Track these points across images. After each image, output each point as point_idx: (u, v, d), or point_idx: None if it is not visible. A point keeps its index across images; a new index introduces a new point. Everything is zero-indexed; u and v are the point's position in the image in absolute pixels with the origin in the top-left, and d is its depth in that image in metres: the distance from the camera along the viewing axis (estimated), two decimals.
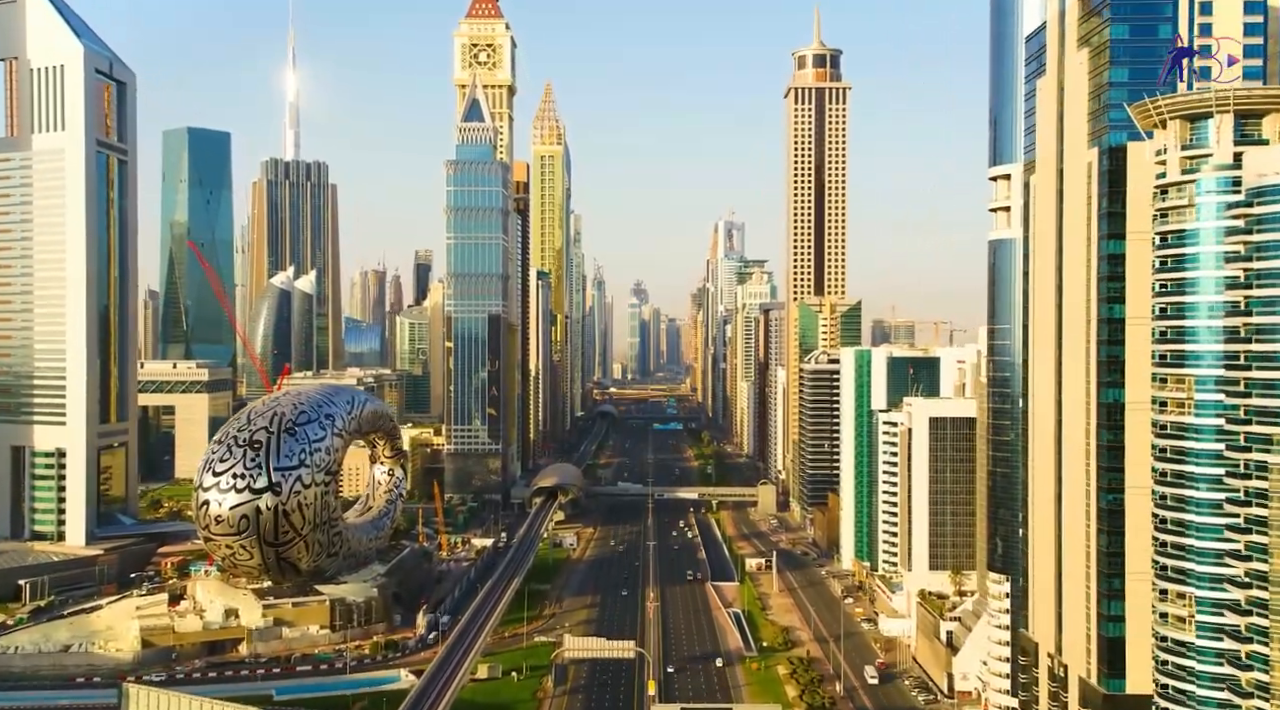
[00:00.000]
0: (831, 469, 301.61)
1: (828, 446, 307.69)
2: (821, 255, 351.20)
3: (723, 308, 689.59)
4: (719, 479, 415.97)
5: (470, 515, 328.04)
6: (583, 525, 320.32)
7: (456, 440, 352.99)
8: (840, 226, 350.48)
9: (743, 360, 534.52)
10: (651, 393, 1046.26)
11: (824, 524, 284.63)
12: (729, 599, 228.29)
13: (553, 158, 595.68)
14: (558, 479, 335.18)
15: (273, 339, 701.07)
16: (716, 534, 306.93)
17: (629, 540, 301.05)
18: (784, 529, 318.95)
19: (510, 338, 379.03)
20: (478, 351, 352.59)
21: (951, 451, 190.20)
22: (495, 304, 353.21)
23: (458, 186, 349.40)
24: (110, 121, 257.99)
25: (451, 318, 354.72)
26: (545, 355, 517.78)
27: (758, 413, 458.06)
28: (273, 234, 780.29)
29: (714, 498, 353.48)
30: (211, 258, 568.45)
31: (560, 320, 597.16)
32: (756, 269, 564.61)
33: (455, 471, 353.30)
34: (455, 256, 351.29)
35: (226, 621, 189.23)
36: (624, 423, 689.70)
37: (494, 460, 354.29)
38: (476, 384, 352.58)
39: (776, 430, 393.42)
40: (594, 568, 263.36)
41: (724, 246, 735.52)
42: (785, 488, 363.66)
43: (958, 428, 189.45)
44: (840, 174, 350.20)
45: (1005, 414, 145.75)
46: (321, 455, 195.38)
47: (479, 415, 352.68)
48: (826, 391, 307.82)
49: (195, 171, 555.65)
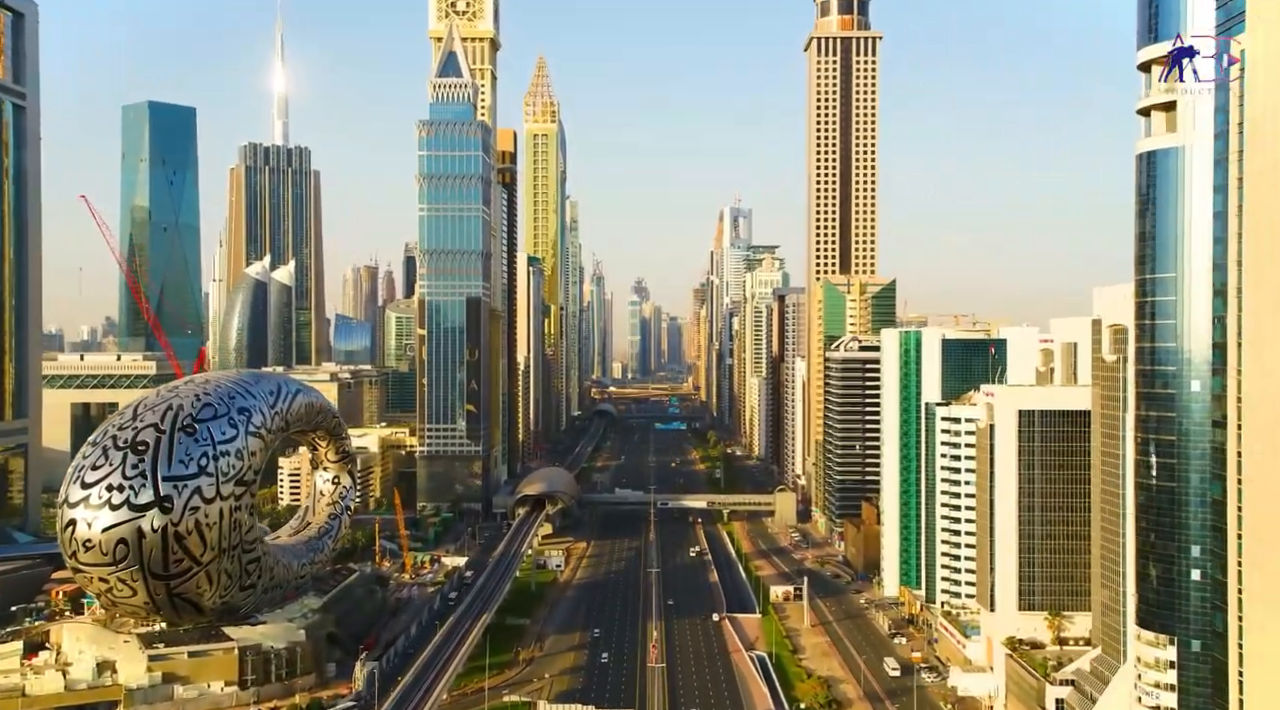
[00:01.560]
0: (865, 474, 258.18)
1: (860, 448, 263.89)
2: (848, 229, 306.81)
3: (728, 300, 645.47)
4: (729, 485, 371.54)
5: (444, 528, 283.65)
6: (574, 539, 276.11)
7: (431, 441, 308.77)
8: (869, 196, 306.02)
9: (752, 354, 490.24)
10: (653, 392, 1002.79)
11: (858, 540, 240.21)
12: (750, 637, 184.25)
13: (546, 137, 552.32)
14: (545, 486, 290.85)
15: (247, 333, 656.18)
16: (729, 550, 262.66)
17: (628, 558, 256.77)
18: (807, 544, 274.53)
19: (494, 325, 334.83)
20: (455, 340, 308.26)
21: (1048, 455, 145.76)
22: (475, 285, 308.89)
23: (431, 150, 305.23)
24: (2, 59, 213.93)
25: (424, 301, 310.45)
26: (537, 348, 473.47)
27: (770, 411, 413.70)
28: (252, 223, 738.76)
29: (725, 506, 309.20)
30: (176, 245, 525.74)
31: (554, 312, 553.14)
32: (767, 255, 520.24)
33: (429, 477, 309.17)
34: (428, 230, 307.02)
35: (99, 678, 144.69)
36: (623, 422, 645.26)
37: (474, 464, 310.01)
38: (454, 377, 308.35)
39: (794, 430, 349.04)
40: (585, 595, 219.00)
41: (730, 235, 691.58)
42: (805, 495, 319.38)
43: (1056, 423, 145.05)
44: (869, 136, 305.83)
45: (1163, 403, 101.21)
46: (231, 460, 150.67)
47: (457, 413, 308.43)
48: (859, 383, 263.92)
49: (157, 150, 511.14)
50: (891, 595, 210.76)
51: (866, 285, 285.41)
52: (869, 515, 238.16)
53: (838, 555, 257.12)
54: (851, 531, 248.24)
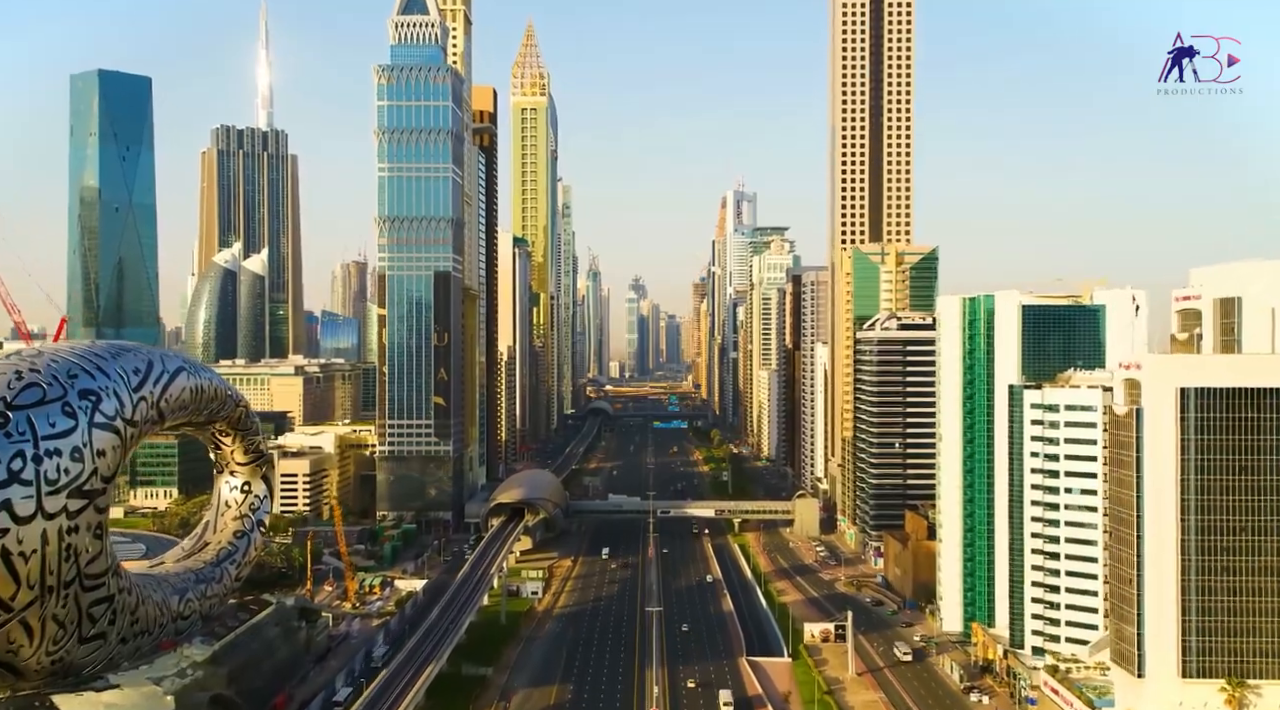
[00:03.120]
0: (907, 478, 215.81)
1: (900, 446, 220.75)
2: (878, 192, 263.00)
3: (731, 289, 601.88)
4: (737, 490, 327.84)
5: (404, 542, 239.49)
6: (558, 556, 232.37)
7: (393, 440, 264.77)
8: (903, 151, 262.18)
9: (760, 345, 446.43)
10: (651, 390, 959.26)
11: (903, 558, 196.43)
12: (780, 691, 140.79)
13: (535, 111, 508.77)
14: (525, 492, 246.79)
15: (215, 324, 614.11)
16: (744, 569, 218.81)
17: (622, 579, 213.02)
18: (836, 560, 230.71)
19: (469, 307, 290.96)
20: (420, 321, 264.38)
21: (1224, 453, 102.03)
22: (444, 258, 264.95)
23: (392, 100, 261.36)
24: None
25: (384, 276, 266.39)
26: (524, 339, 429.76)
27: (783, 406, 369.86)
28: (225, 210, 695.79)
29: (736, 515, 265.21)
30: (130, 227, 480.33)
31: (544, 301, 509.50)
32: (775, 236, 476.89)
33: (391, 481, 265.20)
34: (389, 194, 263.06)
35: None
36: (619, 420, 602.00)
37: (443, 466, 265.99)
38: (420, 365, 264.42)
39: (812, 426, 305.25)
40: (568, 630, 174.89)
41: (733, 221, 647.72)
42: (828, 502, 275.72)
43: (1236, 407, 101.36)
44: (902, 79, 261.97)
45: None
46: (62, 462, 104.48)
47: (423, 407, 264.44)
48: (898, 369, 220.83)
49: (108, 123, 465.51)
50: (953, 631, 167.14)
51: (904, 254, 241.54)
52: (916, 528, 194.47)
53: (875, 575, 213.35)
54: (893, 547, 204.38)
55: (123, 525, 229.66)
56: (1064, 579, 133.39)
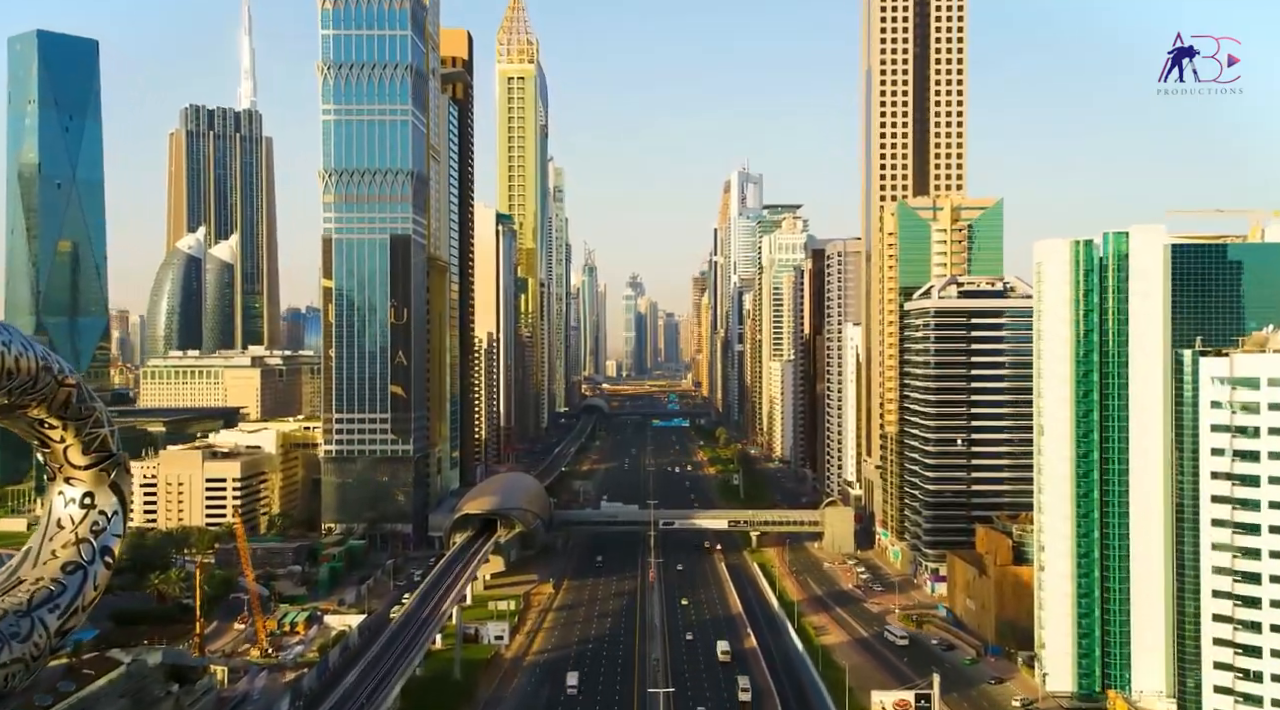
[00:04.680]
0: (972, 482, 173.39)
1: (964, 443, 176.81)
2: (924, 138, 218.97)
3: (736, 278, 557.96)
4: (751, 495, 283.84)
5: (348, 563, 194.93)
6: (538, 579, 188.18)
7: (341, 438, 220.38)
8: (953, 91, 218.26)
9: (770, 335, 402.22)
10: (649, 388, 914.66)
11: (981, 587, 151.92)
12: None
13: (523, 80, 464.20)
14: (498, 500, 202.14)
15: (179, 315, 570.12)
16: (769, 598, 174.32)
17: (616, 611, 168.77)
18: (881, 585, 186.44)
19: (436, 282, 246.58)
20: (373, 295, 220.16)
21: None
22: (402, 219, 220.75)
23: (340, 28, 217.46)
24: None
25: (329, 240, 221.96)
26: (508, 326, 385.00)
27: (801, 399, 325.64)
28: (194, 195, 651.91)
29: (754, 527, 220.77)
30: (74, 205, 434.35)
31: (533, 287, 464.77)
32: (788, 214, 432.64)
33: (339, 489, 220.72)
34: (335, 141, 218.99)
35: None
36: (616, 418, 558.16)
37: (402, 470, 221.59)
38: (372, 347, 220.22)
39: (841, 421, 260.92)
40: (541, 690, 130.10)
41: (737, 205, 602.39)
42: (863, 510, 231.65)
43: None
44: (952, 7, 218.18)
45: None
46: None
47: (378, 398, 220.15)
48: (961, 346, 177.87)
49: (49, 90, 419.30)
50: (1062, 690, 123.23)
51: (960, 208, 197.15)
52: (994, 548, 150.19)
53: (935, 605, 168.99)
54: (963, 572, 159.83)
55: None
56: (1269, 636, 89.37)
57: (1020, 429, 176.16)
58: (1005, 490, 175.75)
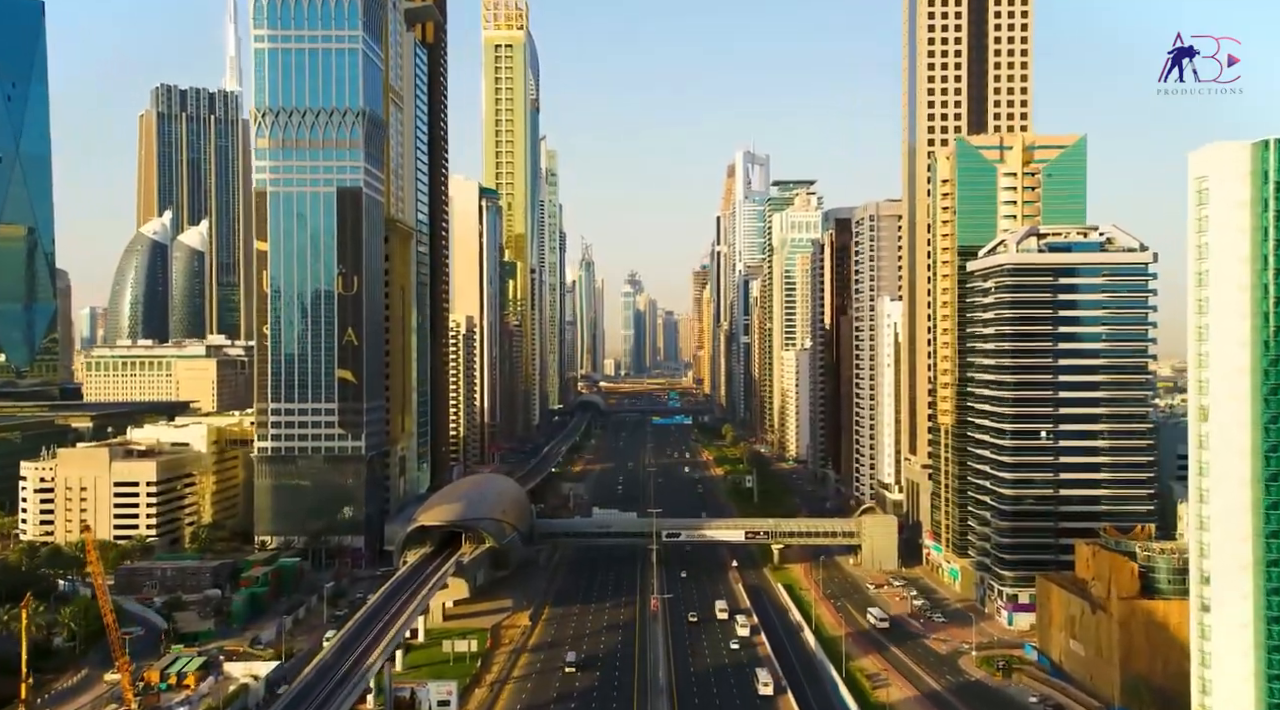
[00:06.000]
0: (1059, 485, 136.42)
1: (1049, 435, 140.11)
2: (982, 67, 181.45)
3: (741, 266, 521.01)
4: (767, 500, 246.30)
5: (275, 585, 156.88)
6: (512, 608, 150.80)
7: (277, 433, 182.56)
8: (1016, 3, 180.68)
9: (782, 322, 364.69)
10: (649, 386, 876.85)
11: (1096, 627, 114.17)
12: None
13: (511, 47, 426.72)
14: (462, 509, 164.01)
15: (143, 305, 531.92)
16: (806, 636, 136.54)
17: (609, 654, 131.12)
18: (939, 611, 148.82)
19: (399, 249, 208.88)
20: (316, 259, 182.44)
21: None
22: (352, 168, 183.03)
23: None
24: None
25: (263, 193, 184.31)
26: (492, 313, 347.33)
27: (821, 391, 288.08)
28: (166, 180, 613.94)
29: (778, 539, 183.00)
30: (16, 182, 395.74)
31: (523, 273, 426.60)
32: (800, 190, 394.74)
33: (274, 492, 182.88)
34: (270, 74, 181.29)
35: None
36: (613, 416, 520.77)
37: (352, 471, 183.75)
38: (315, 324, 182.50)
39: (873, 413, 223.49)
40: None
41: (743, 188, 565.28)
42: (908, 519, 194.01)
43: None
44: None
45: None
46: None
47: (323, 385, 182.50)
48: (1048, 312, 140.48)
49: None
50: None
51: (1035, 147, 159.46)
52: (1110, 572, 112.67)
53: (1019, 643, 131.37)
54: (1063, 604, 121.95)
55: None
56: None
57: (1123, 417, 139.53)
58: (1104, 495, 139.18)
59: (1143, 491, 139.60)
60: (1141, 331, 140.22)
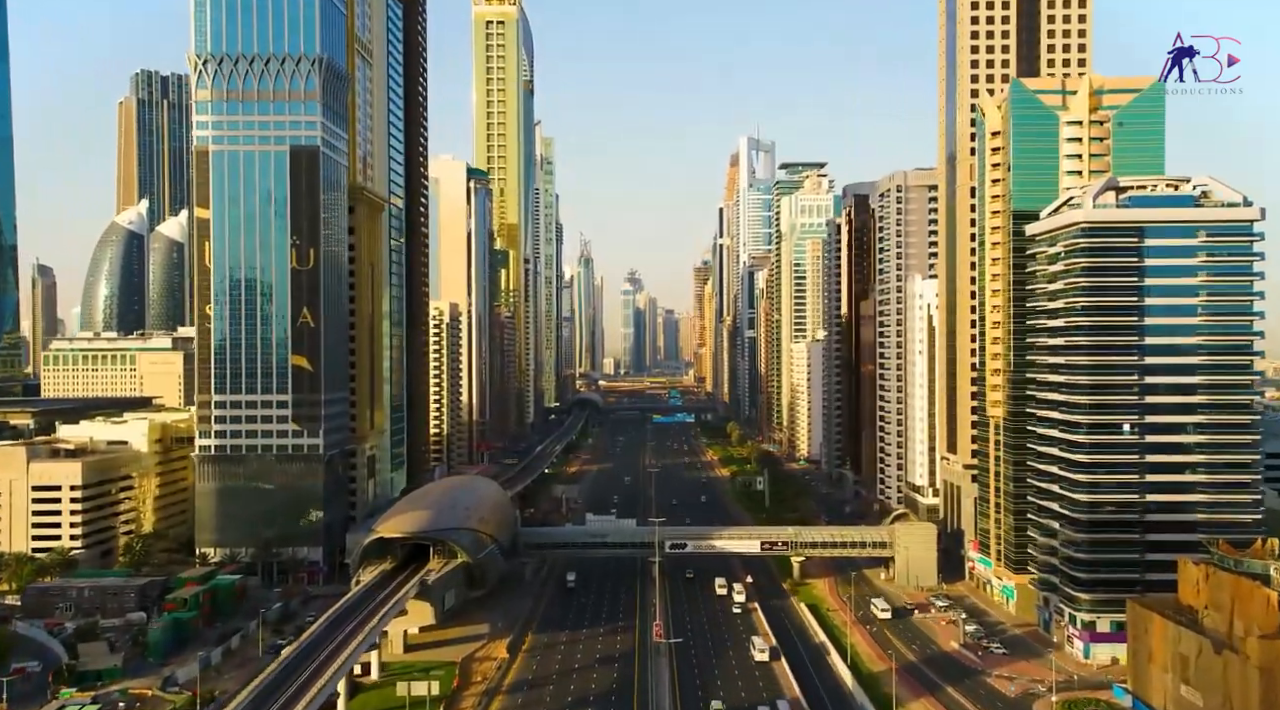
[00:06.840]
0: (1145, 488, 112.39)
1: (1134, 428, 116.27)
2: (1035, 5, 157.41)
3: (746, 257, 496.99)
4: (779, 504, 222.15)
5: (210, 608, 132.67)
6: (489, 635, 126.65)
7: (221, 430, 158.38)
8: None
9: (791, 313, 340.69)
10: (649, 385, 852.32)
11: (1222, 672, 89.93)
12: None
13: (503, 24, 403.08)
14: (430, 517, 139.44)
15: (118, 298, 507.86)
16: (842, 673, 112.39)
17: (602, 696, 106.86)
18: (997, 641, 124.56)
19: (367, 221, 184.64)
20: (265, 228, 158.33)
21: None
22: (307, 124, 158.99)
23: None
24: None
25: (205, 153, 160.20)
26: (481, 303, 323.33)
27: (837, 385, 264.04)
28: (146, 169, 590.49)
29: (799, 551, 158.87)
30: None
31: (516, 263, 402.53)
32: (811, 172, 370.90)
33: (219, 497, 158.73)
34: (211, 12, 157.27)
35: None
36: (611, 414, 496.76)
37: (308, 472, 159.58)
38: (265, 304, 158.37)
39: (904, 408, 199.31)
40: None
41: (747, 176, 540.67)
42: (946, 527, 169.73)
43: None
44: None
45: None
46: None
47: (274, 374, 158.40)
48: (1132, 280, 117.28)
49: None
50: None
51: (1103, 91, 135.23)
52: (1233, 598, 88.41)
53: (1101, 681, 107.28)
54: (1168, 637, 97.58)
55: None
56: None
57: (1223, 406, 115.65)
58: (1201, 502, 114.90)
59: (1247, 496, 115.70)
60: (1246, 303, 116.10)
